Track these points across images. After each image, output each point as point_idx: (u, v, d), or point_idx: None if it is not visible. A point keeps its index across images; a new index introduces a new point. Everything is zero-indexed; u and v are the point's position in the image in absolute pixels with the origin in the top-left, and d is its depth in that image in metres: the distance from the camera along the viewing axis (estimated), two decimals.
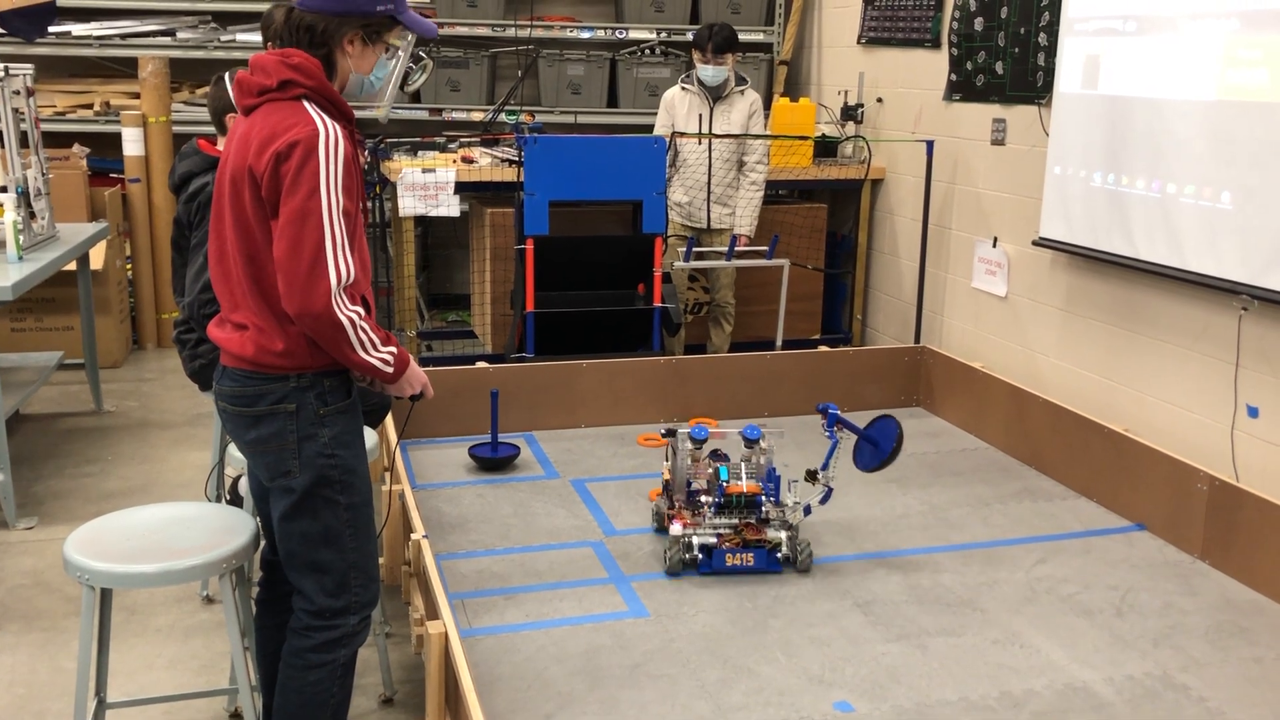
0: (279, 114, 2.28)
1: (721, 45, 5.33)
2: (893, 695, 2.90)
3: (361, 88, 2.45)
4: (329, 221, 2.24)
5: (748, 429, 3.63)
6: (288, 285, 2.25)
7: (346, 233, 2.28)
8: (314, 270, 2.23)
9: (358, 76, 2.42)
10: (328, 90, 2.35)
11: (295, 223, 2.23)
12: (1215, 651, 3.15)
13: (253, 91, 2.34)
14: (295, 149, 2.22)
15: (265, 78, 2.32)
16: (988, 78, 5.18)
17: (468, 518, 3.95)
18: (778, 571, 3.52)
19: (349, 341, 2.30)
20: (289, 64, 2.31)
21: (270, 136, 2.25)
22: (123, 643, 3.37)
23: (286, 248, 2.24)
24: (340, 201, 2.26)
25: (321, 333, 2.28)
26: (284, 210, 2.24)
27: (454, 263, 7.53)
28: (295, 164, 2.22)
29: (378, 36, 2.41)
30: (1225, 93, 3.80)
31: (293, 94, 2.31)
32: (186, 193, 3.35)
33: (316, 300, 2.23)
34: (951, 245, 5.55)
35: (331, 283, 2.24)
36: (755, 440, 3.61)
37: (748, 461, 3.60)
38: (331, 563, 2.43)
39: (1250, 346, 3.84)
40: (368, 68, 2.42)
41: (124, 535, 2.49)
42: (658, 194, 5.12)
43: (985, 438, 4.86)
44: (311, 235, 2.23)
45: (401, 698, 3.13)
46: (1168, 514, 3.85)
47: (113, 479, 4.65)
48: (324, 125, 2.27)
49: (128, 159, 6.41)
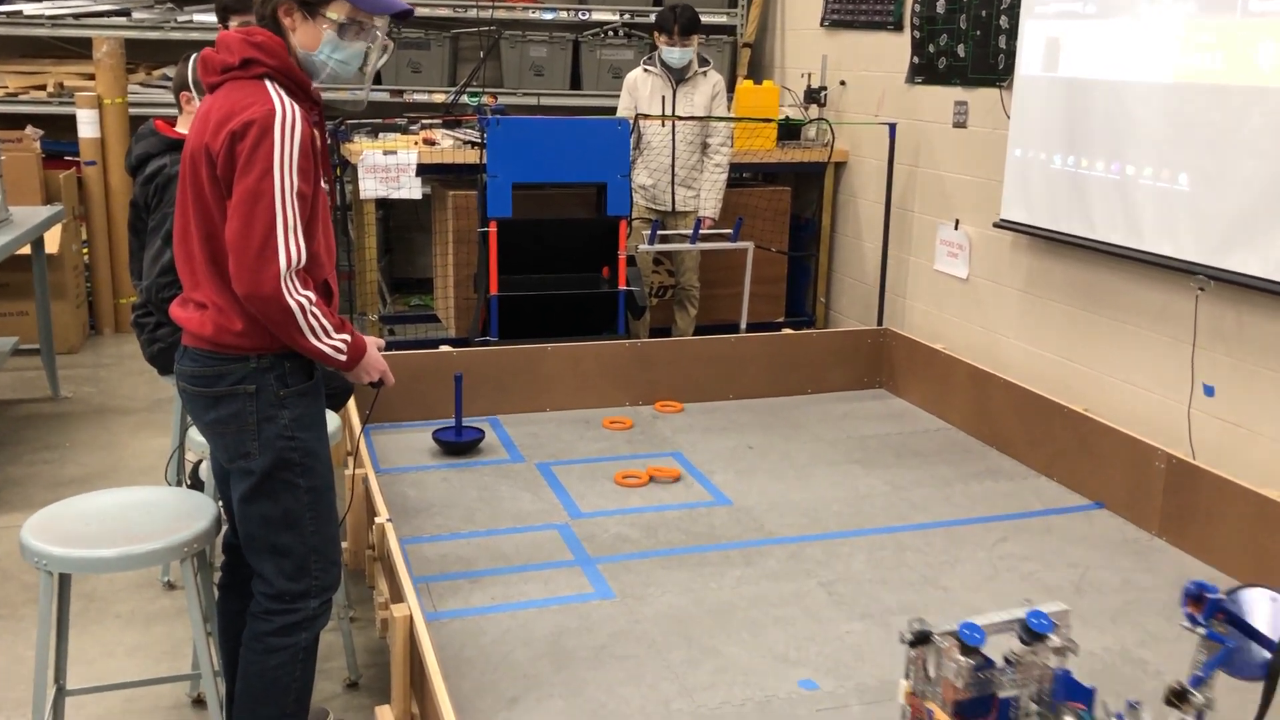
0: (239, 92, 2.25)
1: (687, 27, 5.31)
2: (857, 673, 2.92)
3: (324, 69, 2.39)
4: (282, 203, 2.21)
5: (1032, 615, 2.15)
6: (237, 266, 2.22)
7: (300, 216, 2.25)
8: (264, 252, 2.20)
9: (306, 54, 2.34)
10: (291, 70, 2.31)
11: (247, 203, 2.20)
12: (1172, 626, 3.20)
13: (216, 69, 2.31)
14: (251, 128, 2.19)
15: (228, 55, 2.29)
16: (950, 60, 5.20)
17: (432, 502, 3.94)
18: None
19: (298, 327, 2.27)
20: (251, 42, 2.28)
21: (228, 115, 2.22)
22: (82, 630, 3.33)
23: (237, 228, 2.21)
24: (295, 183, 2.23)
25: (270, 316, 2.25)
26: (237, 190, 2.21)
27: (416, 246, 7.47)
28: (250, 143, 2.19)
29: (314, 10, 2.32)
30: (1182, 75, 3.84)
31: (255, 72, 2.28)
32: (143, 175, 3.30)
33: (265, 283, 2.21)
34: (914, 228, 5.58)
35: (282, 265, 2.21)
36: (1043, 635, 2.16)
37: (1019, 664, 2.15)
38: (291, 546, 2.41)
39: (1207, 326, 3.89)
40: (312, 44, 2.34)
41: (82, 520, 2.46)
42: (622, 176, 5.11)
43: (947, 419, 4.90)
44: (263, 216, 2.20)
45: (366, 681, 3.12)
46: (1126, 492, 3.91)
47: (71, 465, 4.59)
48: (282, 105, 2.23)
49: (83, 141, 6.31)
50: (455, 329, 5.78)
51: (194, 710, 2.97)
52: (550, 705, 2.75)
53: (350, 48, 2.38)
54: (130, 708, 2.97)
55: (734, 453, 4.48)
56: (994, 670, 2.15)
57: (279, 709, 2.47)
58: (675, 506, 3.94)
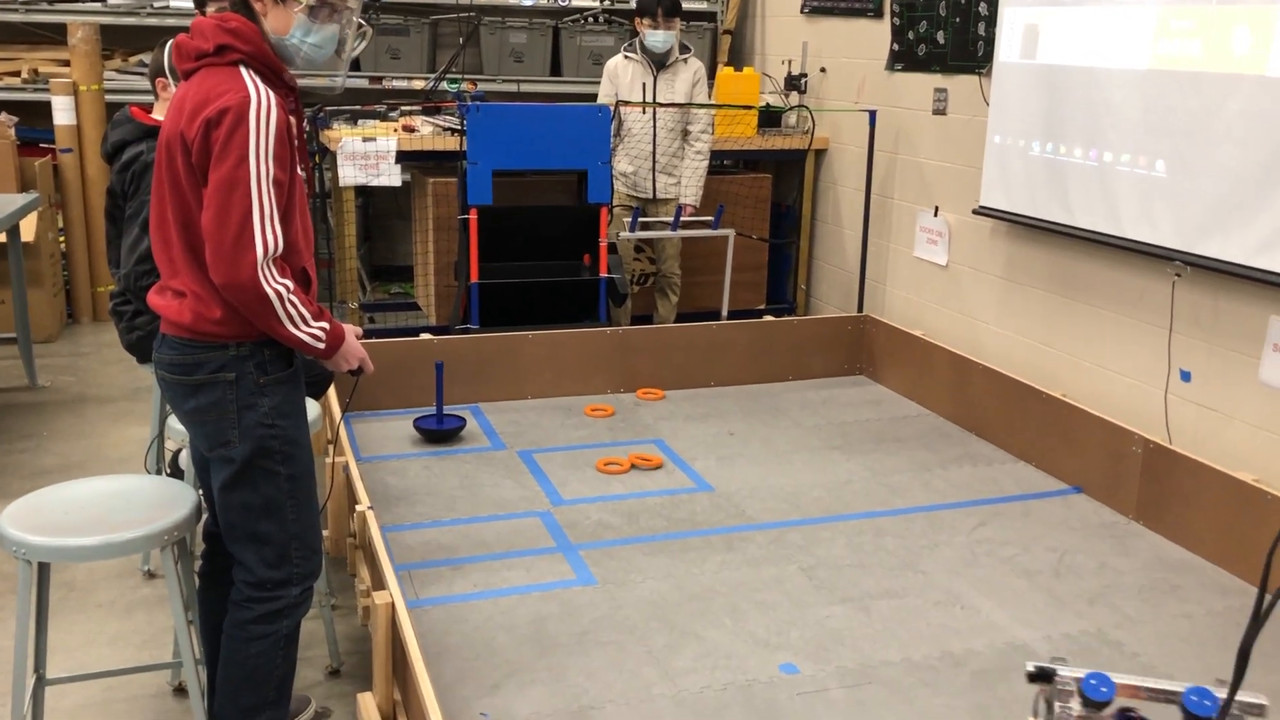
0: (213, 79, 2.24)
1: (671, 9, 5.29)
2: (837, 657, 2.94)
3: (299, 54, 2.38)
4: (258, 191, 2.20)
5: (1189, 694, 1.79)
6: (214, 254, 2.22)
7: (277, 203, 2.24)
8: (240, 240, 2.19)
9: (279, 39, 2.33)
10: (266, 56, 2.30)
11: (223, 191, 2.19)
12: (1148, 608, 3.24)
13: (190, 56, 2.29)
14: (225, 115, 2.18)
15: (203, 42, 2.27)
16: (929, 48, 5.21)
17: (414, 490, 3.93)
18: None
19: (276, 315, 2.26)
20: (226, 28, 2.27)
21: (203, 102, 2.21)
22: (62, 619, 3.32)
23: (214, 216, 2.20)
24: (270, 171, 2.22)
25: (248, 305, 2.24)
26: (213, 178, 2.20)
27: (396, 234, 7.45)
28: (225, 131, 2.18)
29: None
30: (1158, 62, 3.87)
31: (229, 59, 2.26)
32: (120, 162, 3.27)
33: (242, 271, 2.20)
34: (894, 215, 5.60)
35: (259, 253, 2.21)
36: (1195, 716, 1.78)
37: None
38: (272, 534, 2.41)
39: (1183, 312, 3.92)
40: (284, 28, 2.32)
41: (62, 509, 2.45)
42: (603, 164, 5.10)
43: (927, 404, 4.92)
44: (239, 204, 2.19)
45: (348, 669, 3.12)
46: (1103, 477, 3.94)
47: (48, 455, 4.56)
48: (257, 92, 2.22)
49: (58, 128, 6.25)
50: (436, 317, 5.77)
51: (175, 699, 2.96)
52: (532, 691, 2.76)
53: (323, 31, 2.37)
54: (111, 696, 2.96)
55: (715, 439, 4.49)
56: None
57: (261, 697, 2.47)
58: (657, 493, 3.95)
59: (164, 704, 2.95)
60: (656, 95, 5.42)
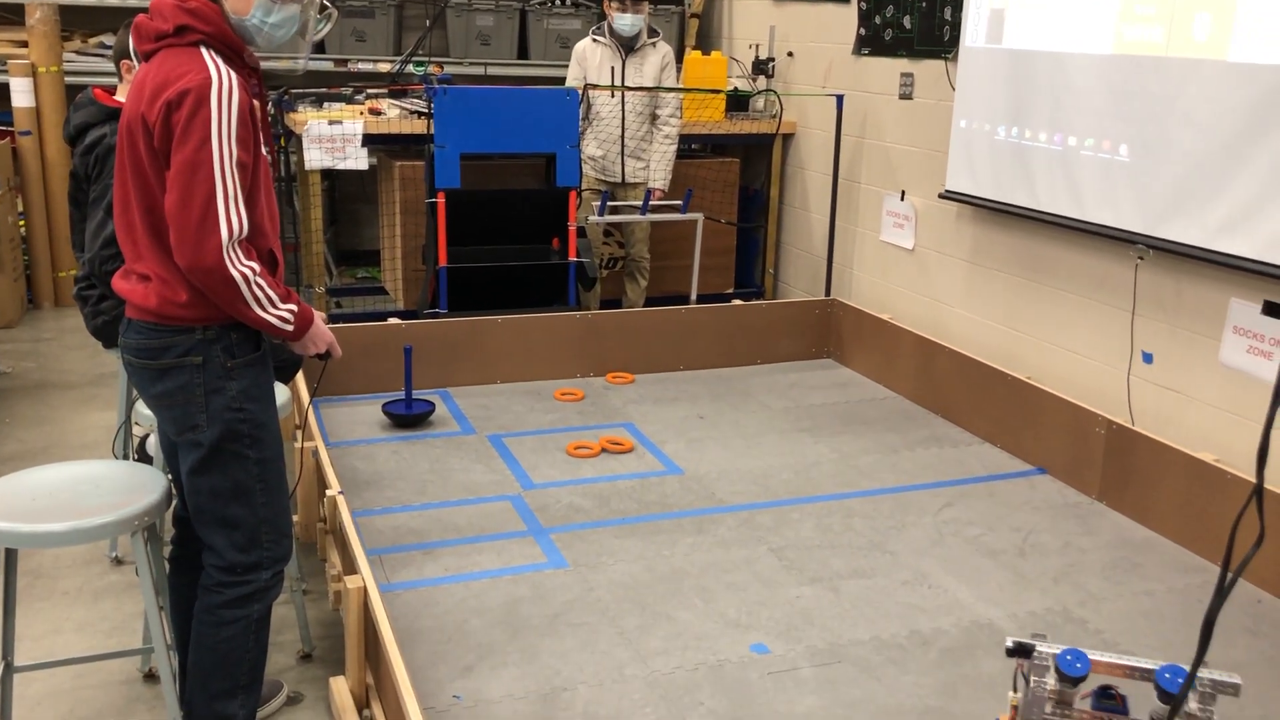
0: (173, 60, 2.22)
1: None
2: (807, 636, 2.98)
3: (259, 35, 2.35)
4: (221, 173, 2.18)
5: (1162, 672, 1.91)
6: (179, 239, 2.20)
7: (241, 185, 2.22)
8: (204, 223, 2.18)
9: (239, 20, 2.30)
10: (227, 36, 2.28)
11: (185, 174, 2.17)
12: (1111, 586, 3.29)
13: (150, 36, 2.27)
14: (186, 97, 2.16)
15: (162, 22, 2.25)
16: (896, 32, 5.24)
17: (383, 474, 3.93)
18: None
19: (243, 298, 2.25)
20: (185, 8, 2.24)
21: (163, 84, 2.19)
22: (28, 607, 3.28)
23: (177, 199, 2.19)
24: (233, 152, 2.20)
25: (214, 288, 2.23)
26: (175, 161, 2.18)
27: (362, 217, 7.40)
28: (186, 113, 2.16)
29: None
30: (1122, 47, 3.91)
31: (189, 39, 2.24)
32: (83, 145, 3.23)
33: (207, 254, 2.19)
34: (860, 199, 5.63)
35: (223, 236, 2.19)
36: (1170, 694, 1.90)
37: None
38: (242, 518, 2.40)
39: (1146, 295, 3.98)
40: (244, 9, 2.30)
41: (29, 494, 2.42)
42: (571, 147, 5.09)
43: (894, 387, 4.97)
44: (202, 187, 2.17)
45: (320, 653, 3.12)
46: (1067, 457, 4.00)
47: (11, 442, 4.50)
48: (218, 73, 2.20)
49: (17, 110, 6.15)
50: (404, 301, 5.74)
51: (145, 684, 2.95)
52: (505, 673, 2.77)
53: (283, 10, 2.35)
54: (80, 684, 2.94)
55: (685, 422, 4.51)
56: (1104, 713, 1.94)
57: (233, 681, 2.47)
58: (627, 476, 3.97)
59: (134, 690, 2.93)
60: (625, 79, 5.41)
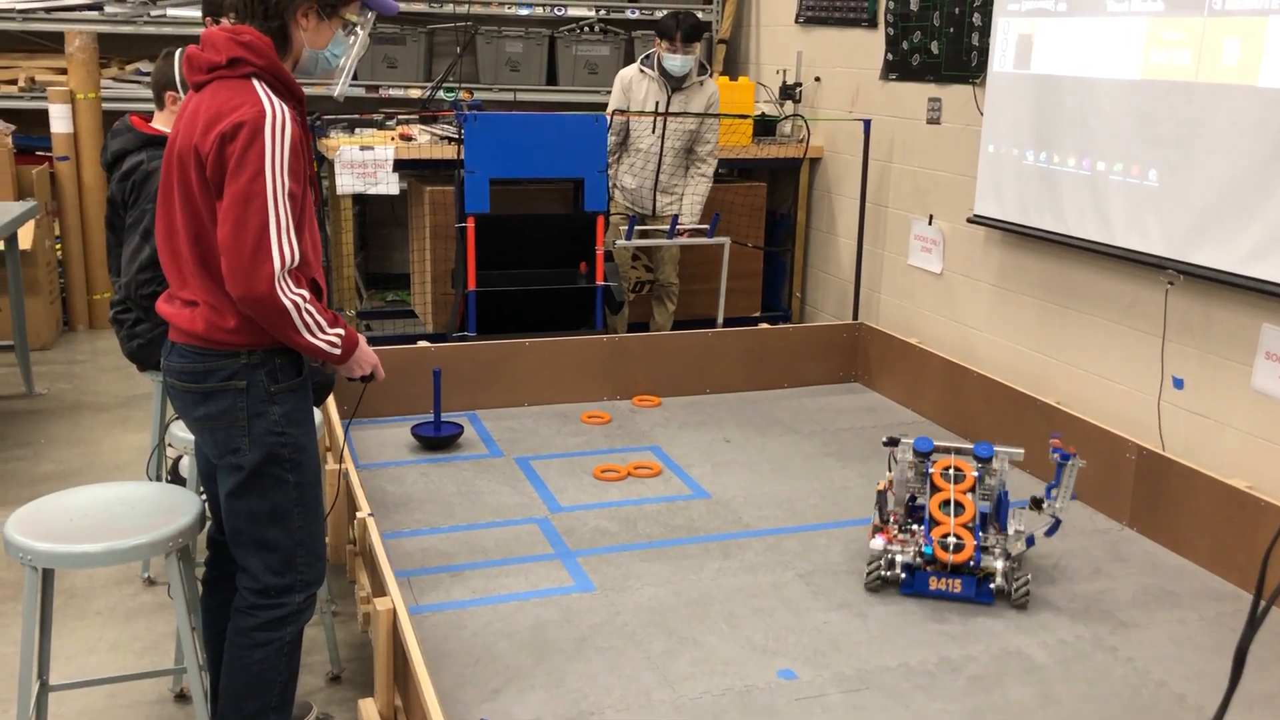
0: (227, 92, 2.25)
1: (690, 34, 5.20)
2: (835, 663, 2.97)
3: (317, 64, 2.41)
4: (274, 204, 2.22)
5: (980, 446, 3.35)
6: (231, 268, 2.23)
7: (292, 216, 2.26)
8: (258, 254, 2.21)
9: (312, 52, 2.38)
10: (278, 69, 2.32)
11: (239, 205, 2.21)
12: (1142, 614, 3.27)
13: (202, 68, 2.30)
14: (241, 130, 2.20)
15: (215, 54, 2.28)
16: (923, 57, 5.25)
17: (412, 496, 3.95)
18: (987, 603, 3.25)
19: (294, 325, 2.28)
20: (239, 41, 2.28)
21: (216, 116, 2.22)
22: (62, 626, 3.32)
23: (230, 230, 2.22)
24: (286, 184, 2.24)
25: (266, 317, 2.26)
26: (228, 192, 2.21)
27: (392, 241, 7.46)
28: (241, 145, 2.20)
29: (333, 11, 2.38)
30: (1149, 73, 3.90)
31: (242, 72, 2.27)
32: (120, 171, 3.29)
33: (260, 284, 2.22)
34: (888, 223, 5.63)
35: (276, 266, 2.22)
36: (988, 459, 3.33)
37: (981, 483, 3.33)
38: (278, 541, 2.42)
39: (1176, 320, 3.96)
40: (323, 43, 2.39)
41: (66, 515, 2.46)
42: (599, 172, 5.12)
43: (921, 412, 4.95)
44: (255, 218, 2.21)
45: (349, 675, 3.14)
46: (1097, 483, 3.97)
47: (46, 462, 4.57)
48: (271, 106, 2.24)
49: (55, 136, 6.26)
50: (433, 324, 5.78)
51: (177, 705, 2.98)
52: (532, 697, 2.78)
53: (345, 42, 2.45)
54: (113, 703, 2.97)
55: (711, 446, 4.52)
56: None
57: (263, 703, 2.49)
58: (654, 500, 3.97)
59: (166, 710, 2.96)
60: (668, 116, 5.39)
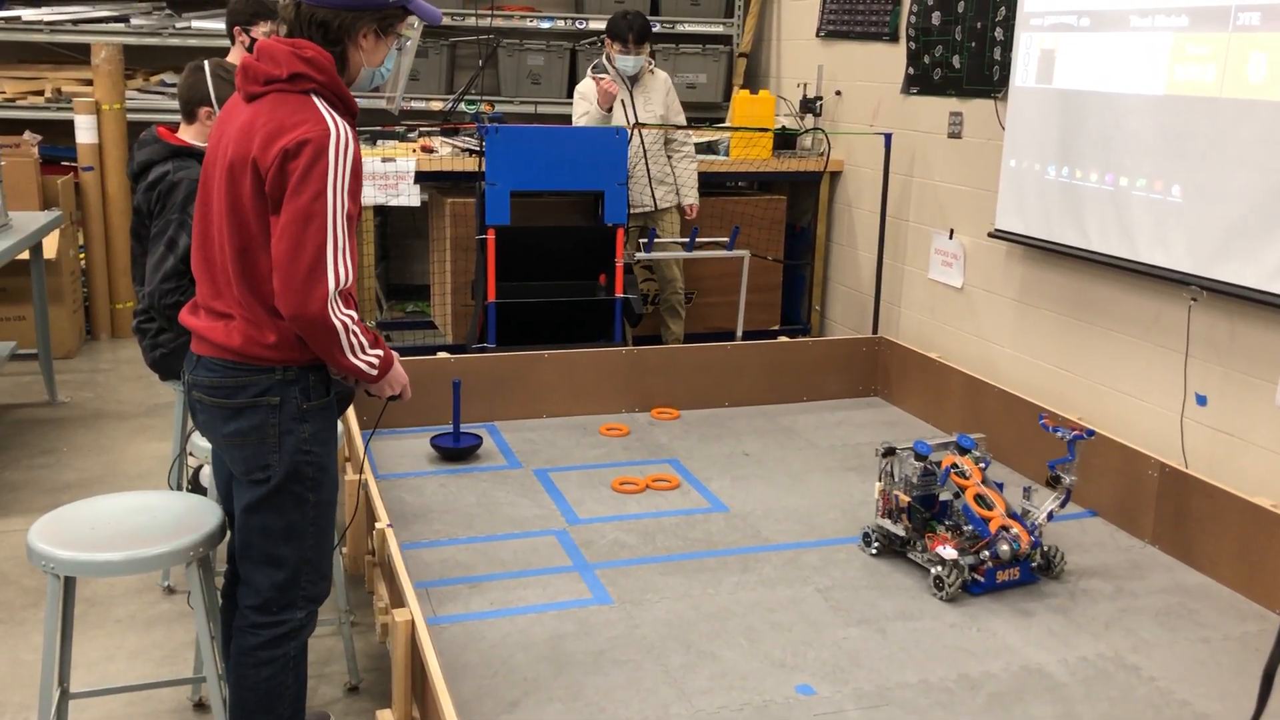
0: (287, 107, 2.22)
1: (640, 36, 5.35)
2: (854, 678, 2.95)
3: (371, 80, 2.41)
4: (333, 225, 2.20)
5: (961, 438, 3.59)
6: (284, 286, 2.20)
7: (349, 236, 2.24)
8: (313, 274, 2.19)
9: (369, 70, 2.38)
10: (338, 86, 2.30)
11: (298, 224, 2.18)
12: (1164, 633, 3.24)
13: (259, 79, 2.26)
14: (305, 147, 2.17)
15: (275, 67, 2.24)
16: (945, 71, 5.25)
17: (431, 508, 3.96)
18: (1034, 581, 3.48)
19: (339, 344, 2.27)
20: (302, 56, 2.25)
21: (278, 130, 2.19)
22: (82, 634, 3.34)
23: (287, 248, 2.19)
24: (345, 205, 2.22)
25: (314, 336, 2.25)
26: (288, 209, 2.18)
27: (412, 253, 7.49)
28: (304, 163, 2.17)
29: (390, 28, 2.37)
30: (1174, 88, 3.89)
31: (302, 87, 2.25)
32: (146, 180, 3.31)
33: (313, 304, 2.20)
34: (908, 237, 5.62)
35: (330, 287, 2.21)
36: (970, 450, 3.58)
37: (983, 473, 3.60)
38: (287, 557, 2.41)
39: (1199, 336, 3.93)
40: (379, 60, 2.38)
41: (88, 524, 2.47)
42: (619, 184, 5.14)
43: (941, 426, 4.93)
44: (314, 238, 2.18)
45: (367, 686, 3.14)
46: (1119, 500, 3.94)
47: (68, 470, 4.59)
48: (335, 125, 2.22)
49: (81, 146, 6.32)
50: (453, 336, 5.80)
51: (196, 714, 2.98)
52: (550, 709, 2.77)
53: (394, 55, 2.46)
54: (132, 711, 2.98)
55: (730, 459, 4.51)
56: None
57: (276, 716, 2.48)
58: (672, 513, 3.97)
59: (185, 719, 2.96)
60: (637, 110, 5.45)
